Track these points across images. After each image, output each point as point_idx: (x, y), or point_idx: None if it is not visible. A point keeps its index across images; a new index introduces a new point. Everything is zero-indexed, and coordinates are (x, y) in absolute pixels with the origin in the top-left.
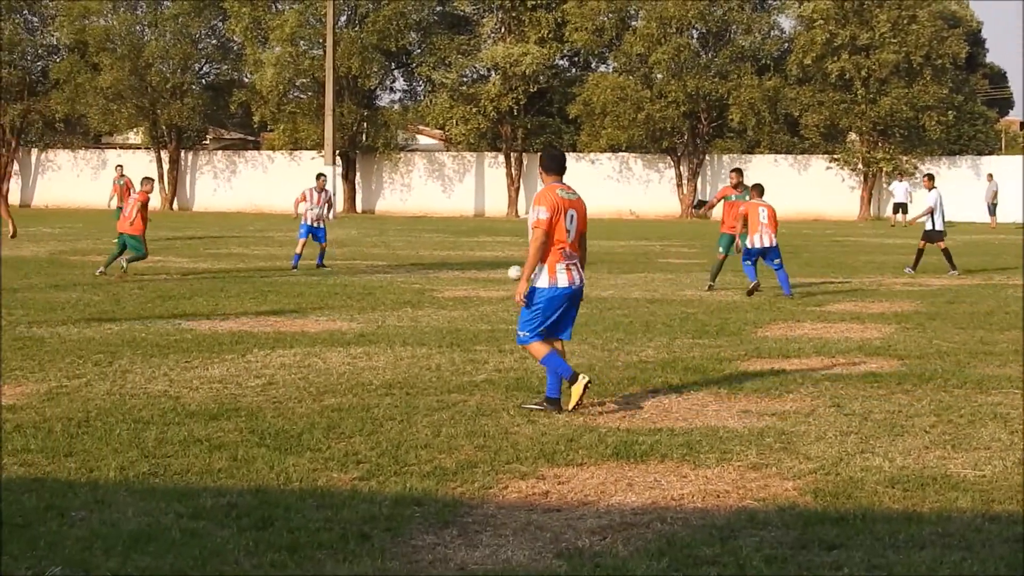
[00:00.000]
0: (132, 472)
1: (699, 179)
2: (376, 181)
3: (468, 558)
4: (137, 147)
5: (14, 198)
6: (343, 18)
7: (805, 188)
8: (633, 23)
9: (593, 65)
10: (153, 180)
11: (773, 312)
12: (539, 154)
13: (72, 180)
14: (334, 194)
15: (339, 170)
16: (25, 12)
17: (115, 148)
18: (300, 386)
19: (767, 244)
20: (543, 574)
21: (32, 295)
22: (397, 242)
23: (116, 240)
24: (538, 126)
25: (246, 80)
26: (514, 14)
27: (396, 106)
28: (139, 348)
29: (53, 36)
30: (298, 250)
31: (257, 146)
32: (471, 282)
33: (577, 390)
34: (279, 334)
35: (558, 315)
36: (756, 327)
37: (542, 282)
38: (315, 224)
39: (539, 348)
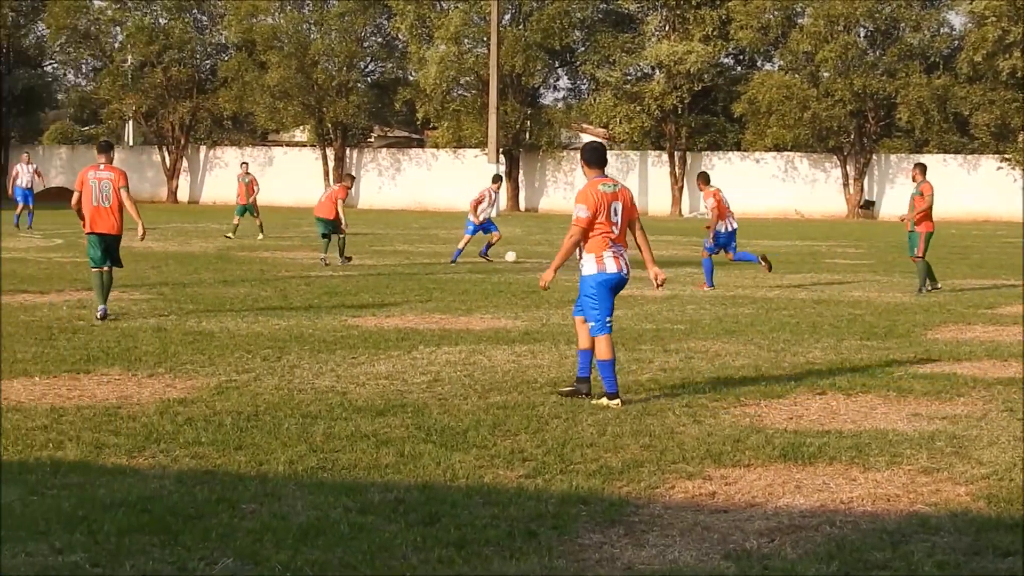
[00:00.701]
0: (301, 466)
1: (866, 179)
2: (539, 179)
3: (635, 558)
4: (303, 144)
5: (183, 194)
6: (507, 16)
7: (975, 188)
8: (799, 20)
9: (758, 63)
10: (354, 178)
11: (943, 314)
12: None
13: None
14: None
15: (503, 168)
16: (195, 11)
17: (281, 145)
18: (465, 383)
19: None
20: (711, 575)
21: (201, 290)
22: (561, 240)
23: (319, 230)
24: (702, 125)
25: (410, 78)
26: (678, 11)
27: (559, 104)
28: (307, 344)
29: (221, 35)
30: (460, 245)
31: (421, 144)
32: (634, 281)
33: (605, 403)
34: (444, 331)
35: (613, 303)
36: (926, 329)
37: (589, 268)
38: (483, 222)
39: (602, 347)
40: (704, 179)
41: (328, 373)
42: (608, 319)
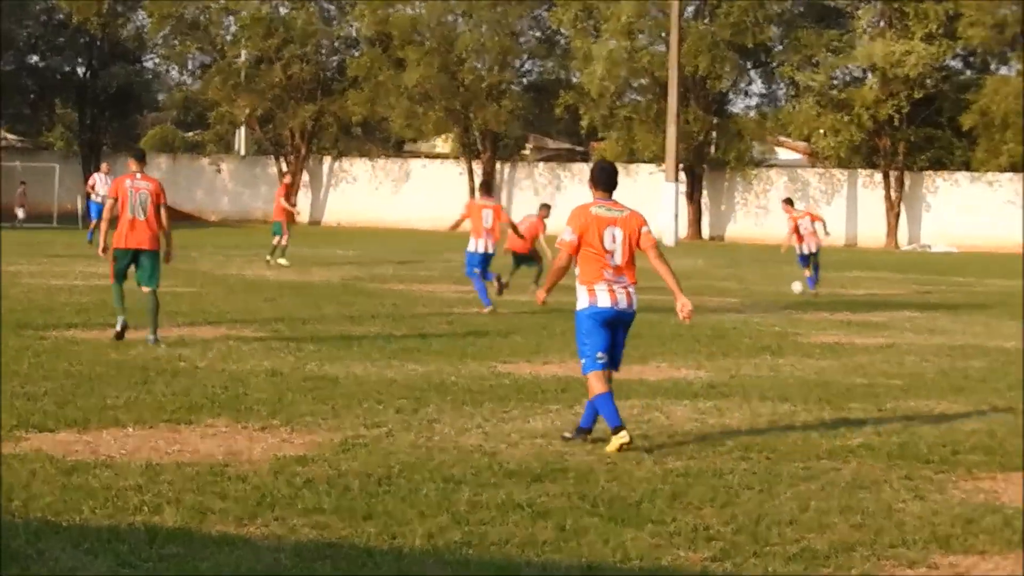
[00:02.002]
0: (442, 540)
1: None
2: (726, 201)
3: None
4: (444, 156)
5: (304, 210)
6: (690, 8)
7: None
8: None
9: (992, 67)
10: (549, 207)
11: None
12: (915, 173)
13: (369, 193)
14: (676, 216)
15: (682, 188)
16: (321, 0)
17: (419, 157)
18: (639, 443)
19: None
20: None
21: (324, 327)
22: (752, 275)
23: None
24: (924, 139)
25: (573, 80)
26: (896, 5)
27: (752, 113)
28: (448, 393)
29: (352, 27)
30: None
31: (586, 157)
32: (843, 326)
33: (614, 444)
34: (613, 381)
35: (609, 338)
36: None
37: (581, 303)
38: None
39: (594, 383)
40: (789, 203)
41: (474, 429)
42: (599, 355)
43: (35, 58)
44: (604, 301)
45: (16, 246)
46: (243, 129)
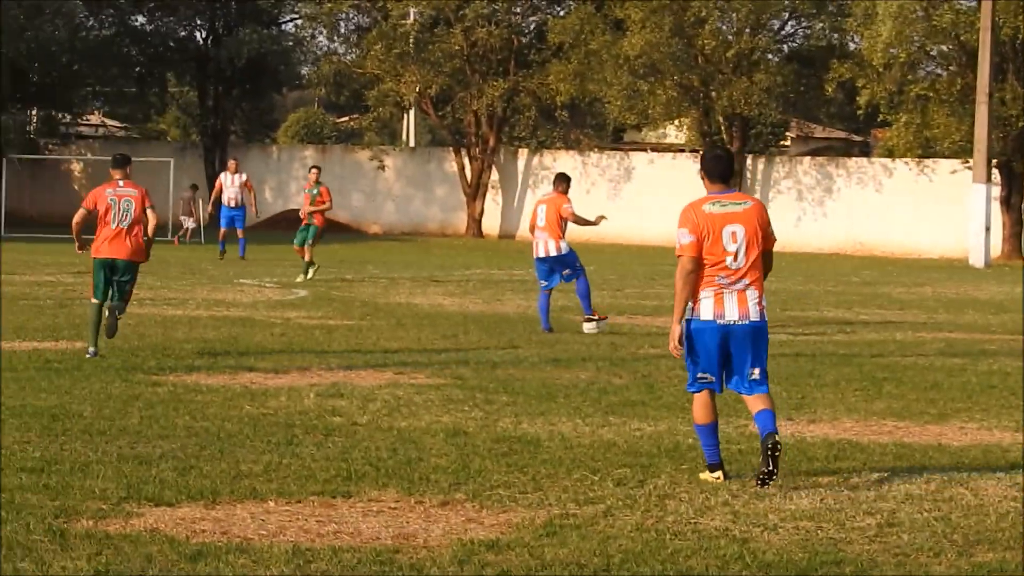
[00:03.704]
0: None
1: None
2: None
3: None
4: (678, 149)
5: (491, 223)
6: None
7: None
8: None
9: None
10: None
11: None
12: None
13: (579, 196)
14: (988, 228)
15: (996, 191)
16: None
17: (644, 149)
18: (937, 530)
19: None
20: None
21: (520, 373)
22: None
23: None
24: None
25: (850, 47)
26: None
27: None
28: (684, 460)
29: None
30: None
31: (867, 150)
32: None
33: (706, 479)
34: (902, 447)
35: (716, 356)
36: None
37: (687, 315)
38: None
39: (696, 408)
40: None
41: (719, 508)
42: (701, 375)
43: (140, 19)
44: (707, 313)
45: None
46: (412, 113)
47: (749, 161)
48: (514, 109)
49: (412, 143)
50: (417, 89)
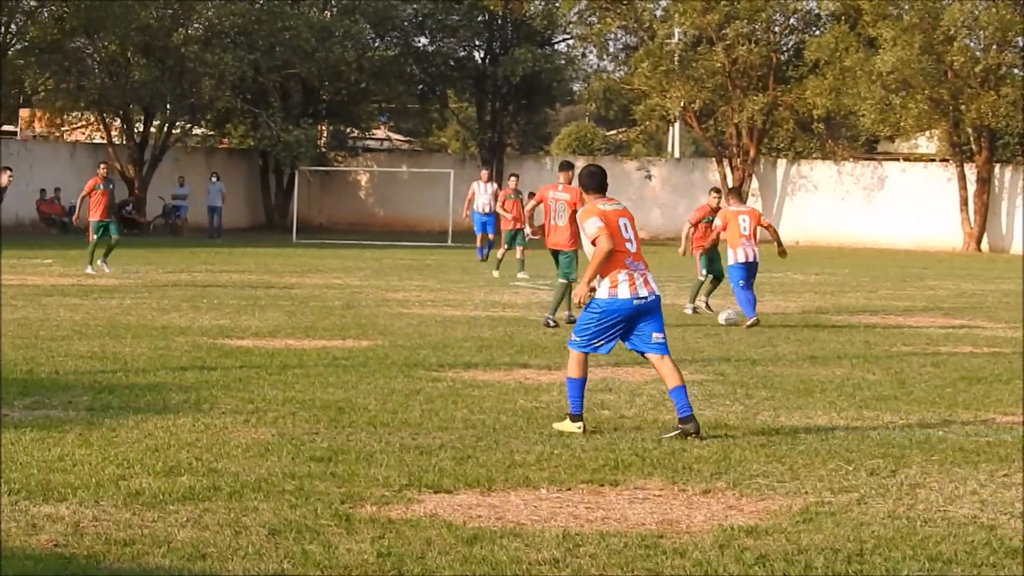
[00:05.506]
0: None
1: None
2: None
3: None
4: (929, 158)
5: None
6: None
7: None
8: None
9: None
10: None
11: None
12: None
13: (834, 204)
14: None
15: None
16: None
17: (897, 159)
18: None
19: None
20: None
21: (779, 370)
22: None
23: None
24: None
25: None
26: None
27: None
28: (935, 451)
29: (812, 3)
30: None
31: None
32: None
33: (566, 427)
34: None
35: (619, 329)
36: None
37: (601, 293)
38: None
39: (573, 363)
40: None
41: (968, 496)
42: (595, 342)
43: (423, 40)
44: (624, 292)
45: (404, 270)
46: (677, 126)
47: (997, 170)
48: (773, 122)
49: (677, 154)
50: (682, 104)
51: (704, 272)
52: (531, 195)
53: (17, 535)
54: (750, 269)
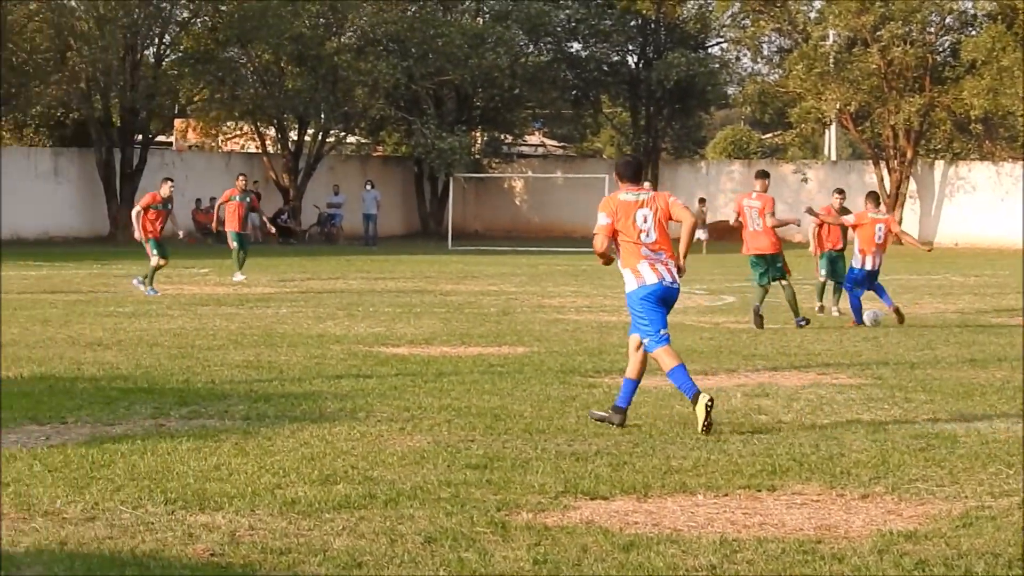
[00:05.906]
0: None
1: None
2: None
3: None
4: None
5: (910, 225)
6: None
7: None
8: None
9: None
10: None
11: None
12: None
13: (993, 205)
14: None
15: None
16: None
17: None
18: None
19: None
20: None
21: (938, 373)
22: None
23: None
24: None
25: None
26: None
27: None
28: None
29: (968, 2)
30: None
31: None
32: None
33: (700, 411)
34: None
35: (662, 310)
36: None
37: (629, 284)
38: None
39: (666, 358)
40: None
41: None
42: (661, 331)
43: (576, 46)
44: (650, 278)
45: (559, 276)
46: (833, 128)
47: None
48: (930, 123)
49: (833, 157)
50: (837, 106)
51: (823, 273)
52: (701, 201)
53: (174, 544)
54: (871, 277)
